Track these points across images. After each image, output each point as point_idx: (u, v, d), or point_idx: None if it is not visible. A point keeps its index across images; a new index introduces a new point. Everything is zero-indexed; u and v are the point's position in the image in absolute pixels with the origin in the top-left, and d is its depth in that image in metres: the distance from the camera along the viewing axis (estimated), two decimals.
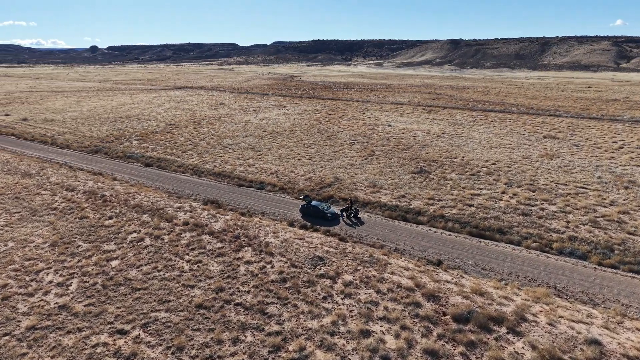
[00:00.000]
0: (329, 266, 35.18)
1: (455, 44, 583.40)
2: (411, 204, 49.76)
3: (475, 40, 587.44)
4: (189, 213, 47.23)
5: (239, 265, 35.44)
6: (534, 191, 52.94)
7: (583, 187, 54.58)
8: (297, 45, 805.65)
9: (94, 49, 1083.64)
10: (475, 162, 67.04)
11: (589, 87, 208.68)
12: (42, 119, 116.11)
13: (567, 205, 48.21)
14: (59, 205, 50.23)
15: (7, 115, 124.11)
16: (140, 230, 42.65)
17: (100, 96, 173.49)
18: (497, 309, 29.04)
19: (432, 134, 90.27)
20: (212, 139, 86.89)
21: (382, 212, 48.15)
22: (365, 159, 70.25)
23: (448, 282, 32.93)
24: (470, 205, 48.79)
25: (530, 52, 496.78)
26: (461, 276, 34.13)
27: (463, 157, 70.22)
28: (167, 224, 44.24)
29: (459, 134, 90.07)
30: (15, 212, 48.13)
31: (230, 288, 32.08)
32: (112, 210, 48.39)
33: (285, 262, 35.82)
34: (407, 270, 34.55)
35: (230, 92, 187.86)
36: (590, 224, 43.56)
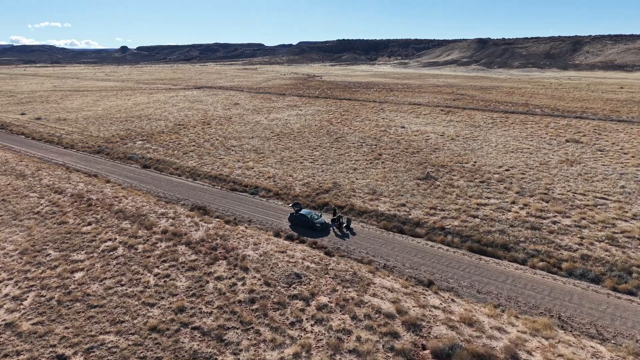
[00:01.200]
0: (305, 285, 31.90)
1: (482, 43, 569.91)
2: (410, 214, 45.98)
3: (503, 39, 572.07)
4: (171, 220, 44.68)
5: (208, 282, 32.54)
6: (547, 201, 48.36)
7: (603, 198, 49.65)
8: (322, 45, 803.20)
9: (124, 49, 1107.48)
10: (487, 167, 62.55)
11: (621, 87, 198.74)
12: (56, 118, 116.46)
13: (583, 219, 43.56)
14: (42, 209, 48.48)
15: (23, 114, 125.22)
16: (115, 239, 40.29)
17: (119, 95, 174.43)
18: (486, 343, 25.23)
19: (446, 136, 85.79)
20: (217, 140, 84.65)
21: (377, 222, 44.54)
22: (371, 162, 66.57)
23: (435, 307, 29.21)
24: (474, 217, 44.67)
25: (561, 52, 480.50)
26: (452, 300, 30.35)
27: (475, 162, 65.77)
28: (145, 232, 41.77)
29: (474, 136, 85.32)
30: None
31: (192, 308, 29.18)
32: (93, 215, 46.29)
33: (259, 280, 32.72)
34: (392, 292, 30.97)
35: (248, 92, 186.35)
36: (607, 241, 38.94)
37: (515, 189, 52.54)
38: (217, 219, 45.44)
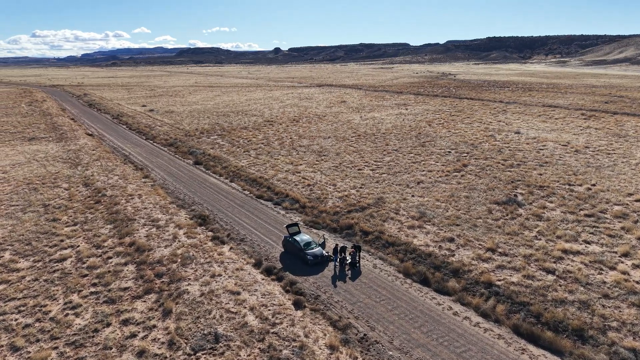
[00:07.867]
0: (216, 356, 21.71)
1: None
2: (454, 254, 32.24)
3: None
4: (154, 230, 37.78)
5: (109, 325, 24.31)
6: None
7: None
8: (470, 43, 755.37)
9: (277, 50, 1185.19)
10: (607, 194, 44.00)
11: None
12: (165, 111, 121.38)
13: None
14: (54, 202, 45.68)
15: (144, 106, 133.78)
16: (78, 246, 34.64)
17: (240, 92, 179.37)
18: None
19: (571, 147, 65.91)
20: (290, 139, 77.16)
21: (400, 261, 31.84)
22: (446, 175, 52.36)
23: None
24: (548, 272, 29.23)
25: None
26: None
27: (593, 184, 47.26)
28: (113, 241, 35.43)
29: (612, 149, 64.03)
30: (11, 205, 44.89)
31: None
32: (87, 214, 41.75)
33: (167, 334, 23.42)
34: None
35: (364, 90, 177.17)
36: None
37: (638, 232, 34.60)
38: (209, 233, 37.30)
